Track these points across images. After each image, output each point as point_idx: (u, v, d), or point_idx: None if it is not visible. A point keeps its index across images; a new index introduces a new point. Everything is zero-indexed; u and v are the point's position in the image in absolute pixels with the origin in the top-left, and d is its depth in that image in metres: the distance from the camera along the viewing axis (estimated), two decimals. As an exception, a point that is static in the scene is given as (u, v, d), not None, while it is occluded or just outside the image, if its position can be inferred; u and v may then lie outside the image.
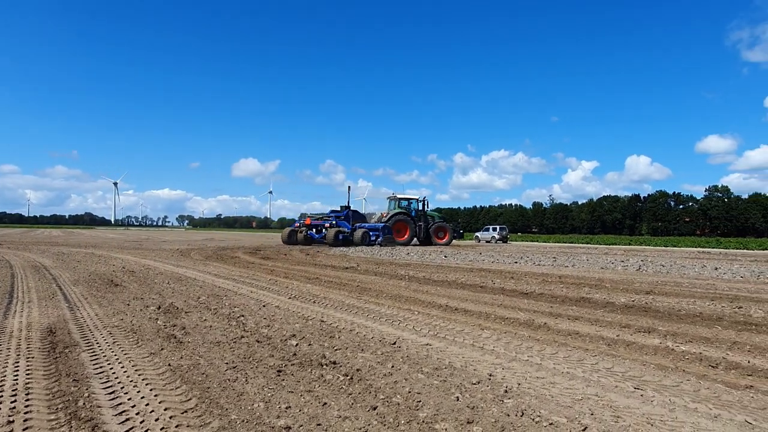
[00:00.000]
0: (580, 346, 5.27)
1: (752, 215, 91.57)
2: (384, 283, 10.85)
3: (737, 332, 5.94)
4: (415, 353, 4.87)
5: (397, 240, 31.38)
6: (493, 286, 10.13)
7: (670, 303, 8.01)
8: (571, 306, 7.81)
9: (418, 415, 3.24)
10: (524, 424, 3.11)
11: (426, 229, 32.73)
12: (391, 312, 7.22)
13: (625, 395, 3.70)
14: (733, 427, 3.12)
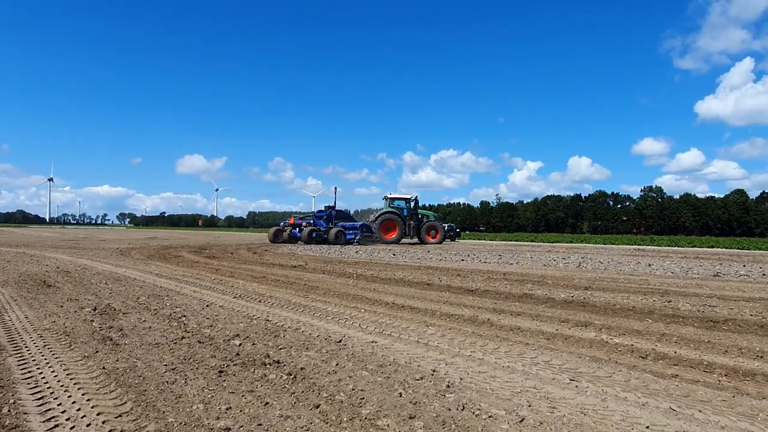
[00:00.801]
0: (521, 341, 5.42)
1: (683, 215, 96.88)
2: (332, 281, 10.81)
3: (666, 325, 6.26)
4: (360, 351, 4.88)
5: (385, 239, 31.58)
6: (439, 284, 10.28)
7: (607, 298, 8.36)
8: (514, 302, 8.02)
9: (361, 412, 3.25)
10: (464, 417, 3.18)
11: (418, 228, 32.78)
12: (337, 310, 7.20)
13: (561, 387, 3.84)
14: (659, 414, 3.29)
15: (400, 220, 32.03)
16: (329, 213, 31.24)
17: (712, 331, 5.89)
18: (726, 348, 5.12)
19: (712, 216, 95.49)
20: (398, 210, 32.84)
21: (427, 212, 35.16)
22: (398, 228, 31.82)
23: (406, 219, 32.49)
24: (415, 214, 33.09)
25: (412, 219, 32.68)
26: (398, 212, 32.51)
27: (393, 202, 33.43)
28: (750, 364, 4.53)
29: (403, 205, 33.22)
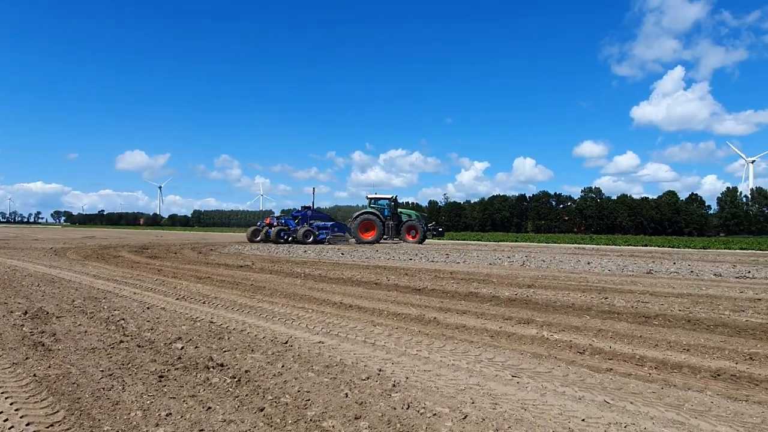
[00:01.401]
0: (466, 339, 5.53)
1: (620, 214, 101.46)
2: (279, 281, 10.68)
3: (602, 321, 6.54)
4: (306, 352, 4.85)
5: (363, 238, 31.34)
6: (387, 283, 10.34)
7: (548, 295, 8.64)
8: (460, 301, 8.17)
9: (306, 414, 3.23)
10: (409, 416, 3.22)
11: (398, 227, 32.48)
12: (284, 311, 7.12)
13: (503, 383, 3.95)
14: (594, 407, 3.44)
15: (378, 220, 31.75)
16: (304, 213, 31.20)
17: (644, 326, 6.20)
18: (656, 342, 5.40)
19: (647, 216, 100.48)
20: (380, 210, 32.61)
21: (408, 211, 34.83)
22: (377, 228, 31.60)
23: (387, 219, 32.23)
24: (395, 214, 32.82)
25: (391, 219, 32.42)
26: (377, 212, 32.29)
27: (374, 202, 33.22)
28: (677, 357, 4.80)
29: (384, 205, 32.99)
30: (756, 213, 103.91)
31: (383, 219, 32.16)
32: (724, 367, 4.45)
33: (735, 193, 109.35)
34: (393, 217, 32.57)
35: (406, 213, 34.21)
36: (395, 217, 32.70)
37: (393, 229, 32.35)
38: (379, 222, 31.77)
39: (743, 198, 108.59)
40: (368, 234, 31.79)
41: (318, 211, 32.72)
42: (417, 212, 35.07)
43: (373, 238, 31.53)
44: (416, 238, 32.46)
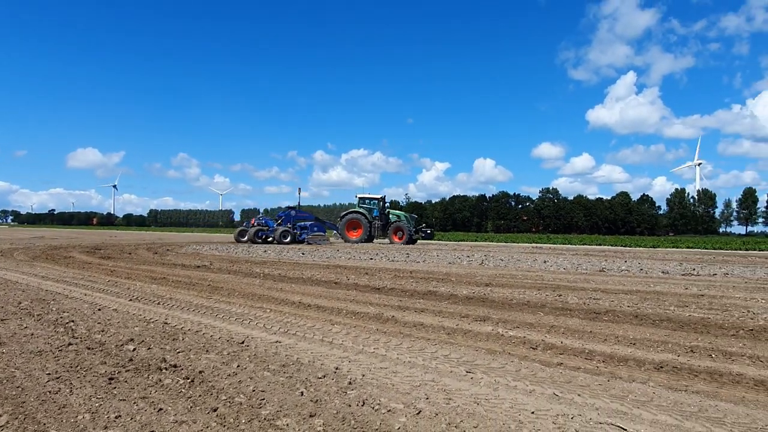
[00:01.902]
0: (423, 337, 5.60)
1: (576, 214, 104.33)
2: (237, 281, 10.53)
3: (556, 317, 6.73)
4: (263, 351, 4.81)
5: (350, 238, 31.04)
6: (347, 282, 10.34)
7: (505, 293, 8.83)
8: (418, 299, 8.25)
9: (261, 413, 3.21)
10: (364, 413, 3.24)
11: (385, 228, 32.19)
12: (242, 311, 7.04)
13: (457, 379, 4.02)
14: (543, 400, 3.55)
15: (365, 221, 31.52)
16: (287, 213, 31.28)
17: (595, 322, 6.41)
18: (605, 337, 5.60)
19: (601, 216, 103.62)
20: (368, 210, 32.33)
21: (398, 212, 34.40)
22: (363, 228, 31.38)
23: (375, 219, 31.92)
24: (383, 214, 32.57)
25: (380, 219, 32.13)
26: (365, 212, 32.03)
27: (364, 202, 32.99)
28: (624, 351, 4.99)
29: (373, 205, 32.75)
30: (702, 213, 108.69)
31: (370, 219, 31.81)
32: (666, 360, 4.65)
33: (683, 194, 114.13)
34: (381, 217, 32.42)
35: (395, 214, 33.89)
36: (384, 218, 32.49)
37: (380, 229, 32.03)
38: (366, 222, 31.50)
39: (691, 199, 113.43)
40: (355, 233, 31.63)
41: (302, 211, 32.63)
42: (407, 213, 34.70)
43: (358, 237, 31.29)
44: (402, 239, 32.02)
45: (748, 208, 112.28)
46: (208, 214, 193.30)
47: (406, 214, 34.33)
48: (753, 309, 7.24)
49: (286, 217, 31.04)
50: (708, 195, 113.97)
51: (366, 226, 31.57)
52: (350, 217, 32.10)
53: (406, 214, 34.13)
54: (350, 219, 32.00)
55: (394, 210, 34.83)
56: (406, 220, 32.96)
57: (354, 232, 31.91)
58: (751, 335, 5.63)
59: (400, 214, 34.05)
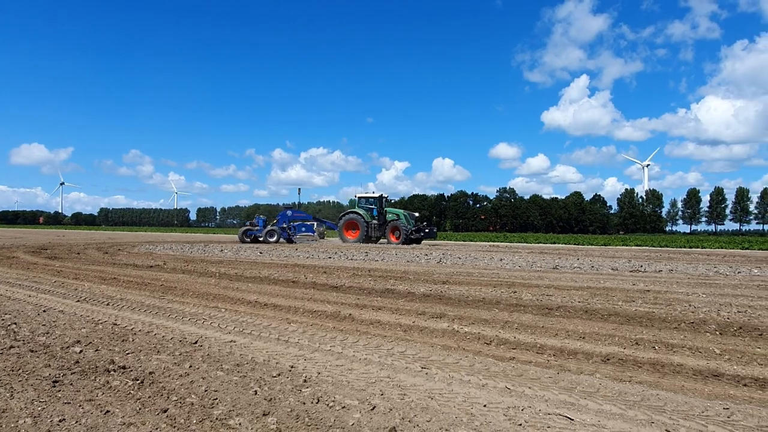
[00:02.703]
0: (380, 334, 5.62)
1: (531, 214, 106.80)
2: (192, 281, 10.31)
3: (510, 313, 6.87)
4: (217, 351, 4.73)
5: (348, 238, 30.26)
6: (305, 281, 10.27)
7: (461, 291, 8.95)
8: (376, 297, 8.28)
9: (213, 413, 3.16)
10: (318, 410, 3.24)
11: (383, 227, 30.95)
12: (196, 311, 6.90)
13: (412, 375, 4.07)
14: (495, 393, 3.63)
15: (363, 221, 30.50)
16: (283, 213, 31.25)
17: (547, 317, 6.58)
18: (557, 331, 5.76)
19: (555, 215, 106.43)
20: (368, 210, 31.33)
21: (396, 211, 32.55)
22: (360, 228, 30.53)
23: (374, 219, 30.89)
24: (381, 214, 31.27)
25: (378, 219, 30.98)
26: (364, 212, 31.04)
27: (363, 202, 31.96)
28: (574, 344, 5.15)
29: (373, 204, 31.65)
30: (650, 213, 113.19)
31: (368, 219, 30.79)
32: (613, 352, 4.83)
33: (632, 194, 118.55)
34: (379, 216, 31.21)
35: (393, 212, 32.11)
36: (381, 217, 31.24)
37: (378, 229, 30.96)
38: (363, 222, 30.56)
39: (639, 199, 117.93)
40: (353, 234, 30.76)
41: (299, 211, 32.38)
42: (406, 211, 32.87)
43: (356, 238, 30.41)
44: (399, 239, 30.47)
45: (692, 208, 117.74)
46: (163, 213, 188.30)
47: (405, 212, 32.59)
48: (694, 303, 7.58)
49: (282, 216, 30.90)
50: (655, 195, 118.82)
51: (363, 227, 30.55)
52: (348, 217, 31.22)
53: (405, 212, 32.34)
54: (348, 219, 31.10)
55: (392, 208, 32.97)
56: (404, 219, 31.34)
57: (352, 233, 30.95)
58: (691, 328, 5.90)
59: (398, 212, 32.34)
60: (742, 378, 4.06)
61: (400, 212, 32.16)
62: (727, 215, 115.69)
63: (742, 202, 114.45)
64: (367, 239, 30.99)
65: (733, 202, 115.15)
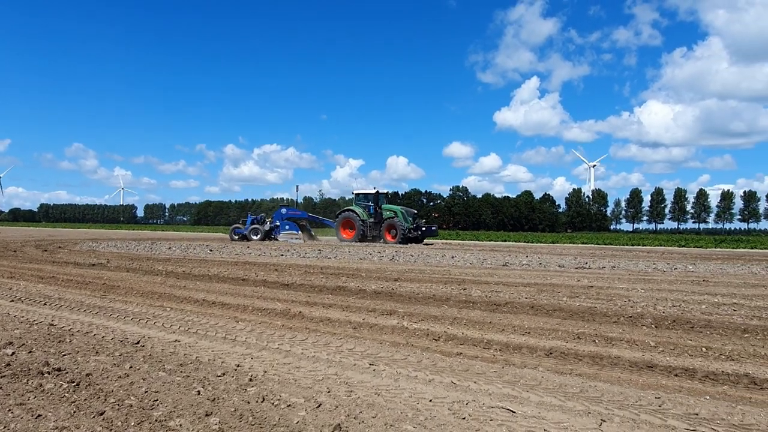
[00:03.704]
0: (329, 331, 5.60)
1: (484, 212, 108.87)
2: (136, 279, 9.98)
3: (459, 309, 6.98)
4: (160, 351, 4.60)
5: (344, 237, 29.02)
6: (255, 279, 10.12)
7: (412, 288, 9.03)
8: (327, 294, 8.24)
9: (152, 415, 3.07)
10: (263, 409, 3.19)
11: (379, 226, 28.97)
12: (139, 310, 6.69)
13: (360, 371, 4.07)
14: (441, 388, 3.68)
15: (359, 219, 28.82)
16: (278, 211, 30.70)
17: (495, 313, 6.72)
18: (503, 327, 5.89)
19: (507, 213, 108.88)
20: (365, 207, 29.74)
21: (393, 207, 30.05)
22: (356, 227, 28.91)
23: (371, 217, 29.14)
24: (377, 212, 29.37)
25: (374, 217, 29.15)
26: (360, 210, 29.44)
27: (360, 198, 30.41)
28: (519, 339, 5.28)
29: (371, 201, 29.93)
30: (596, 212, 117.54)
31: (364, 217, 29.09)
32: (556, 346, 4.98)
33: (579, 194, 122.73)
34: (375, 215, 29.34)
35: (390, 210, 29.72)
36: (377, 215, 29.32)
37: (374, 228, 29.07)
38: (359, 220, 28.93)
39: (586, 198, 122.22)
40: (349, 233, 29.24)
41: (294, 209, 31.59)
42: (404, 208, 30.43)
43: (352, 237, 28.89)
44: (396, 238, 28.37)
45: (634, 208, 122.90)
46: (108, 210, 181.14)
47: (403, 209, 30.15)
48: (633, 298, 7.92)
49: (277, 214, 30.40)
50: (601, 195, 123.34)
51: (359, 225, 28.79)
52: (344, 215, 29.63)
53: (402, 209, 29.94)
54: (344, 218, 29.49)
55: (388, 206, 30.48)
56: (401, 216, 29.09)
57: (348, 232, 29.30)
58: (630, 321, 6.16)
59: (395, 209, 29.84)
60: (673, 369, 4.26)
61: (397, 209, 29.83)
62: (666, 215, 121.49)
63: (679, 202, 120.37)
64: (363, 238, 29.13)
65: (671, 202, 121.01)
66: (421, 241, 29.81)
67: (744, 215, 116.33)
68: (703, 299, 7.84)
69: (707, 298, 8.01)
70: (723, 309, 6.97)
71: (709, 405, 3.41)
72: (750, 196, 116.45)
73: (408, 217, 29.44)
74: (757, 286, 9.80)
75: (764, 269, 14.06)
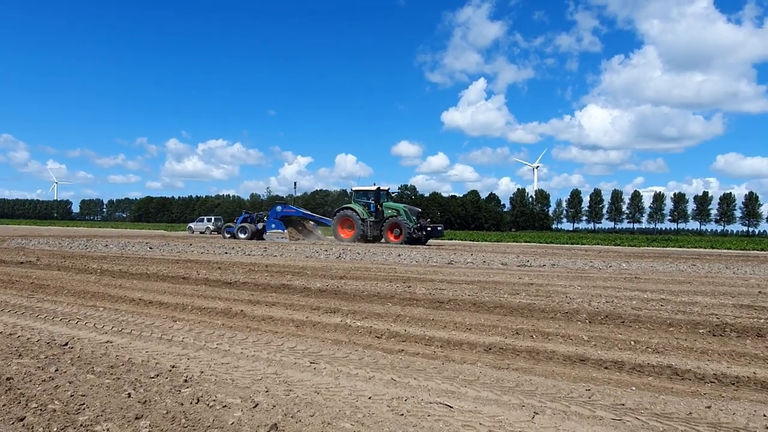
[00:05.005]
0: (271, 330, 5.52)
1: (432, 211, 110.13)
2: (68, 278, 9.50)
3: (403, 307, 7.03)
4: (90, 353, 4.39)
5: (342, 236, 27.53)
6: (197, 277, 9.84)
7: (358, 285, 9.02)
8: (271, 293, 8.12)
9: (78, 419, 2.92)
10: (197, 410, 3.10)
11: (379, 224, 27.48)
12: (69, 310, 6.37)
13: (300, 370, 4.03)
14: (381, 385, 3.69)
15: (358, 217, 27.37)
16: (273, 209, 29.97)
17: (438, 310, 6.81)
18: (446, 324, 5.97)
19: (454, 212, 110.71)
20: (365, 205, 28.25)
21: (395, 205, 28.57)
22: (355, 225, 27.43)
23: (370, 215, 27.75)
24: (377, 210, 27.91)
25: (375, 215, 27.75)
26: (359, 208, 27.90)
27: (360, 195, 28.95)
28: (460, 336, 5.37)
29: (371, 198, 28.45)
30: (539, 212, 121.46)
31: (364, 216, 27.65)
32: (495, 342, 5.10)
33: (523, 194, 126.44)
34: (376, 213, 27.87)
35: (392, 207, 28.21)
36: (378, 213, 27.83)
37: (374, 227, 27.55)
38: (359, 219, 27.45)
39: (530, 198, 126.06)
40: (348, 232, 27.85)
41: (290, 206, 30.39)
42: (407, 206, 28.83)
43: (351, 237, 27.49)
44: (400, 238, 26.92)
45: (575, 208, 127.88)
46: (40, 205, 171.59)
47: (406, 207, 28.57)
48: (570, 294, 8.22)
49: (272, 212, 29.64)
50: (543, 195, 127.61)
51: (359, 224, 27.38)
52: (342, 213, 28.08)
53: (405, 207, 28.35)
54: (342, 216, 28.00)
55: (390, 203, 29.04)
56: (405, 215, 27.54)
57: (347, 231, 27.93)
58: (566, 317, 6.38)
59: (398, 206, 28.30)
60: (604, 362, 4.45)
61: (400, 207, 28.26)
62: (603, 215, 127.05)
63: (616, 203, 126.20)
64: (363, 238, 27.59)
65: (609, 202, 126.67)
66: (425, 242, 28.27)
67: (674, 216, 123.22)
68: (634, 295, 8.23)
69: (638, 294, 8.42)
70: (651, 304, 7.33)
71: (635, 395, 3.58)
72: (679, 198, 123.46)
73: (412, 215, 27.89)
74: (683, 282, 10.37)
75: (690, 267, 14.93)
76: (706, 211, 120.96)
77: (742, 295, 8.54)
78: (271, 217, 29.46)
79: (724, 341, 5.24)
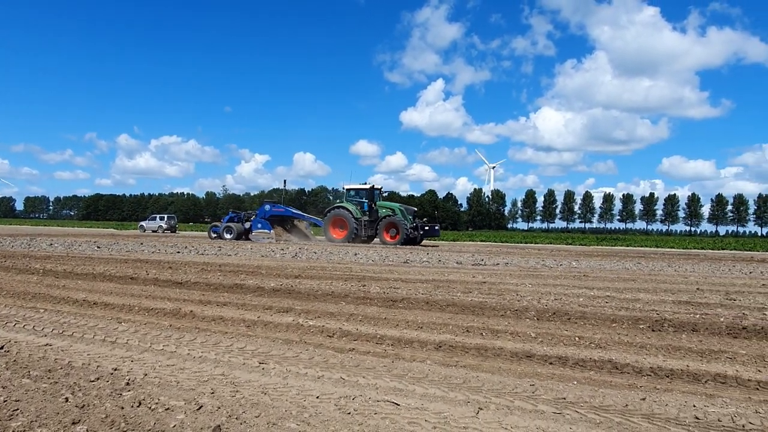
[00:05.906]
0: (221, 330, 5.43)
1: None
2: (8, 278, 9.08)
3: (356, 306, 7.04)
4: (26, 356, 4.21)
5: (334, 237, 26.55)
6: (146, 277, 9.57)
7: (312, 285, 8.96)
8: (223, 293, 7.98)
9: (10, 426, 2.80)
10: (138, 414, 3.02)
11: (374, 224, 26.91)
12: (8, 312, 6.09)
13: (248, 371, 3.98)
14: (330, 384, 3.69)
15: (351, 217, 26.59)
16: (262, 208, 29.14)
17: (391, 309, 6.85)
18: (398, 322, 6.02)
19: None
20: (359, 204, 27.47)
21: (390, 204, 28.07)
22: (348, 225, 26.53)
23: (365, 214, 27.10)
24: (371, 209, 27.32)
25: (367, 214, 27.16)
26: (352, 207, 27.09)
27: (352, 194, 28.03)
28: (411, 334, 5.42)
29: (364, 197, 27.77)
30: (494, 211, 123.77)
31: (357, 215, 26.99)
32: (445, 340, 5.17)
33: (480, 194, 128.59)
34: (370, 212, 27.31)
35: (386, 207, 27.70)
36: (372, 213, 27.29)
37: (368, 226, 27.02)
38: (352, 218, 26.67)
39: (486, 198, 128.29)
40: (340, 232, 26.97)
41: (279, 206, 29.52)
42: (402, 206, 28.21)
43: (343, 237, 26.63)
44: (396, 238, 26.25)
45: (529, 208, 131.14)
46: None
47: (401, 206, 27.93)
48: (521, 292, 8.42)
49: (261, 211, 28.77)
50: (499, 195, 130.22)
51: (351, 224, 26.60)
52: (334, 213, 27.29)
53: (400, 206, 27.75)
54: (334, 215, 27.19)
55: (384, 202, 28.49)
56: (400, 214, 26.91)
57: (339, 231, 27.12)
58: (515, 315, 6.53)
59: (393, 206, 27.70)
60: (549, 357, 4.58)
61: (395, 206, 27.72)
62: (557, 214, 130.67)
63: (568, 203, 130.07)
64: (356, 238, 26.88)
65: (562, 203, 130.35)
66: (419, 242, 27.98)
67: (622, 216, 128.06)
68: (581, 293, 8.50)
69: (585, 291, 8.70)
70: (597, 301, 7.59)
71: (576, 389, 3.71)
72: (627, 198, 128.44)
73: (407, 215, 27.35)
74: (628, 280, 10.79)
75: (635, 265, 15.54)
76: (652, 211, 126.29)
77: (681, 291, 8.95)
78: (258, 216, 28.68)
79: (662, 336, 5.48)
